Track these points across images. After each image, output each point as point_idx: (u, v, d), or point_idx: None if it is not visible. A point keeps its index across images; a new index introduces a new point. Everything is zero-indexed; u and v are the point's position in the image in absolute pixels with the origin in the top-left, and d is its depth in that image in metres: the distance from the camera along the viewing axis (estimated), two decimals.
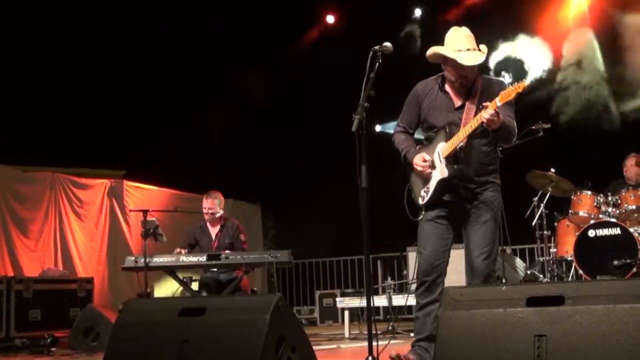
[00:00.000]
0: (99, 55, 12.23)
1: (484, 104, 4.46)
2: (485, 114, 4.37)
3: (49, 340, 8.23)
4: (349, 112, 4.44)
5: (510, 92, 4.32)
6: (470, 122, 4.54)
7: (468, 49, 4.62)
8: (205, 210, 8.45)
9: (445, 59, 4.73)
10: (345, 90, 5.61)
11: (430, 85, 4.92)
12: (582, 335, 2.95)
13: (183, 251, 8.12)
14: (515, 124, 4.72)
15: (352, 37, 11.05)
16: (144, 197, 11.59)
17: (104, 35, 12.05)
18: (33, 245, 10.02)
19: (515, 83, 4.34)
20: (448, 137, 4.66)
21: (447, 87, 4.83)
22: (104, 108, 12.56)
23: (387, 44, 4.57)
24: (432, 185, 4.77)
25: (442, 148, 4.70)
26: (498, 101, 4.35)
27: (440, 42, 4.77)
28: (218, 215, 8.45)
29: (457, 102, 4.78)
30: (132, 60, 12.25)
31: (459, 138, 4.59)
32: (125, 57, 12.23)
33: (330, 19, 13.53)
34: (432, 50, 4.78)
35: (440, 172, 4.71)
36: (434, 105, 4.85)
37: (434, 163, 4.76)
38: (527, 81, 4.44)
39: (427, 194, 4.81)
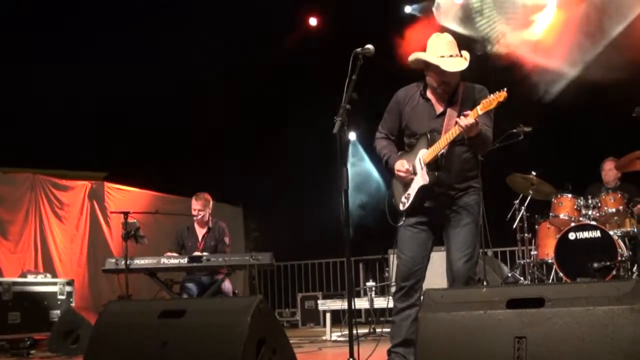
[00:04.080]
0: (80, 55, 12.16)
1: (464, 112, 4.46)
2: (465, 121, 4.38)
3: (28, 343, 8.16)
4: (331, 114, 4.45)
5: (492, 101, 4.33)
6: (451, 130, 4.54)
7: (451, 55, 4.62)
8: (195, 213, 8.42)
9: (427, 65, 4.73)
10: (328, 92, 5.62)
11: (412, 92, 4.91)
12: (561, 337, 2.97)
13: (175, 254, 8.09)
14: (491, 134, 4.73)
15: (335, 40, 11.05)
16: (125, 199, 11.53)
17: (86, 36, 11.98)
18: (13, 247, 9.95)
19: (497, 92, 4.35)
20: (429, 144, 4.67)
21: (429, 94, 4.83)
22: (85, 109, 12.50)
23: (369, 46, 4.58)
24: (413, 191, 4.77)
25: (424, 155, 4.70)
26: (479, 110, 4.37)
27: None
28: (201, 216, 8.43)
29: (439, 109, 4.78)
30: (113, 61, 12.19)
31: (440, 145, 4.60)
32: (107, 58, 12.17)
33: (312, 21, 13.51)
34: (414, 55, 4.77)
35: (421, 178, 4.71)
36: (416, 113, 4.85)
37: (415, 169, 4.76)
38: None
39: (407, 200, 4.81)
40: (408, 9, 12.27)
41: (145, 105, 12.43)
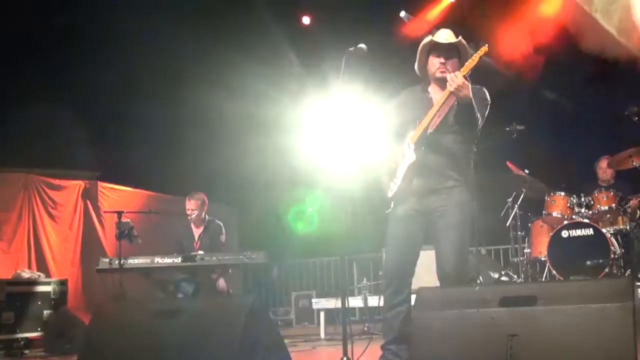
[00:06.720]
0: (72, 55, 12.11)
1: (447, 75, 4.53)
2: (456, 79, 4.43)
3: (22, 343, 8.15)
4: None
5: (474, 58, 4.42)
6: (438, 100, 4.60)
7: (446, 39, 4.76)
8: (189, 212, 8.44)
9: (427, 51, 4.85)
10: (322, 91, 5.62)
11: (413, 89, 5.01)
12: (554, 335, 2.98)
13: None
14: (480, 117, 4.70)
15: (327, 39, 11.03)
16: (118, 198, 11.51)
17: (79, 32, 11.93)
18: (6, 247, 9.93)
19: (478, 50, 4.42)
20: (416, 126, 4.72)
21: (429, 89, 4.90)
22: (77, 108, 12.46)
23: (362, 45, 4.61)
24: (401, 174, 4.77)
25: (411, 136, 4.75)
26: (462, 70, 4.46)
27: None
28: (196, 215, 8.44)
29: (436, 99, 4.82)
30: (104, 59, 12.15)
31: (427, 119, 4.64)
32: (98, 57, 12.13)
33: (306, 20, 13.45)
34: (418, 52, 4.90)
35: (409, 157, 4.73)
36: (412, 103, 4.92)
37: (404, 153, 4.79)
38: None
39: (395, 184, 4.81)
40: (402, 14, 12.23)
41: (136, 103, 12.38)
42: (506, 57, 10.22)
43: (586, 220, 8.07)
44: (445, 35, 4.78)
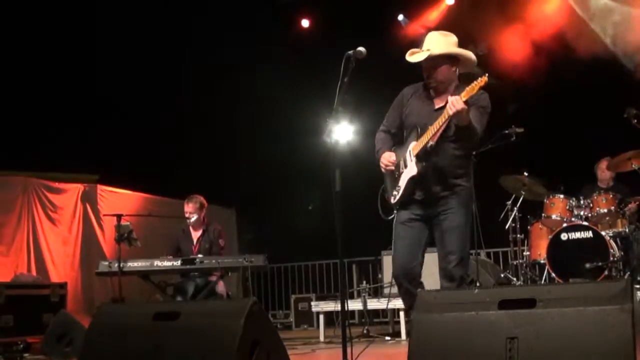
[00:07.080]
0: (70, 59, 12.11)
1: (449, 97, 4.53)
2: (457, 104, 4.43)
3: (21, 346, 8.13)
4: (324, 115, 4.47)
5: (474, 87, 4.43)
6: (438, 119, 4.60)
7: (428, 49, 4.77)
8: (187, 215, 8.44)
9: None
10: (321, 93, 5.64)
11: (417, 88, 5.05)
12: (553, 337, 2.98)
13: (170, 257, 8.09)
14: (479, 131, 4.73)
15: (326, 42, 11.04)
16: (117, 201, 11.50)
17: (75, 40, 11.94)
18: (5, 250, 9.92)
19: (479, 78, 4.42)
20: (419, 136, 4.73)
21: (431, 90, 4.92)
22: (76, 111, 12.46)
23: (361, 48, 4.62)
24: (403, 183, 4.83)
25: (413, 146, 4.77)
26: (463, 96, 4.43)
27: None
28: (194, 219, 8.44)
29: (438, 104, 4.85)
30: (104, 63, 12.15)
31: (428, 135, 4.67)
32: (97, 61, 12.13)
33: (305, 23, 13.44)
34: None
35: (411, 170, 4.76)
36: (415, 106, 4.96)
37: (405, 162, 4.81)
38: None
39: (398, 192, 4.86)
40: (400, 17, 12.23)
41: (136, 106, 12.38)
42: (504, 59, 10.26)
43: (585, 223, 8.08)
44: (427, 44, 4.80)
